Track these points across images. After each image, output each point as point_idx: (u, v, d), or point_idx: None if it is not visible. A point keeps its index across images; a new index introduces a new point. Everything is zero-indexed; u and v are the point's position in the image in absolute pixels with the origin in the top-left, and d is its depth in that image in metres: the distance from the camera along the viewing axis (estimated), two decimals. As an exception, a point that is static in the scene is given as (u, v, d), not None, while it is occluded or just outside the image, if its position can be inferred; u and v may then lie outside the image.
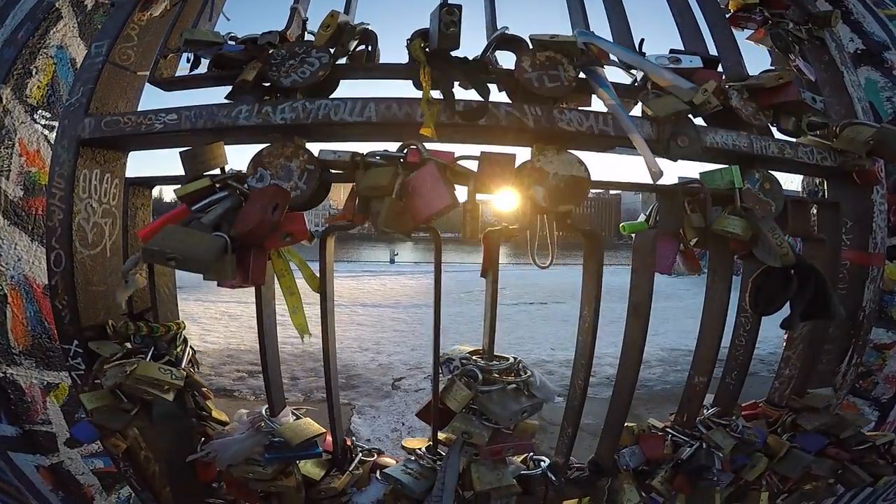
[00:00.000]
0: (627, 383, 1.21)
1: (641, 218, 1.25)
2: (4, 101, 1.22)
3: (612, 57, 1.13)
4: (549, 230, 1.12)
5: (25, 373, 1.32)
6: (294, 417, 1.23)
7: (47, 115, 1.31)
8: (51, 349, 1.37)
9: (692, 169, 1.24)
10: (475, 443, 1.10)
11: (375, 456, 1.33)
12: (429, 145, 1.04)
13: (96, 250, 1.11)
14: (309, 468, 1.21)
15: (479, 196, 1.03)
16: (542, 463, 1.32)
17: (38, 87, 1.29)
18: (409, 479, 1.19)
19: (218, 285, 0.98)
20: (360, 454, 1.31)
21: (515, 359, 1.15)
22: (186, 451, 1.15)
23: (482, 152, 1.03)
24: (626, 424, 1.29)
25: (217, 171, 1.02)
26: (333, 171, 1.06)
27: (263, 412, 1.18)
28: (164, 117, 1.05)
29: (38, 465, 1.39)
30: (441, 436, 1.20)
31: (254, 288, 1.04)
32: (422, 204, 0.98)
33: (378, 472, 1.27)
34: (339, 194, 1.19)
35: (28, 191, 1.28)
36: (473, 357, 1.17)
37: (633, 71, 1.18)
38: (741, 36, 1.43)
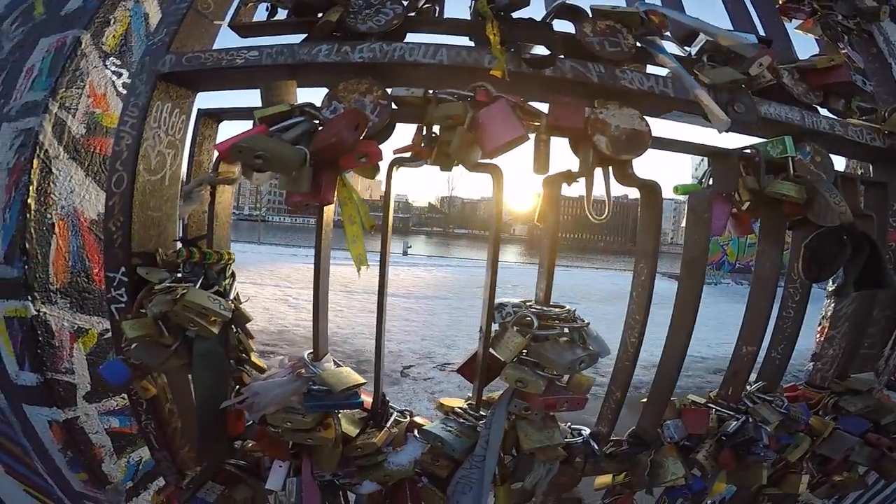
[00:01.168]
0: (678, 348, 1.19)
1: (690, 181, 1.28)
2: (83, 45, 1.25)
3: (671, 26, 1.19)
4: (605, 181, 1.14)
5: (58, 313, 1.28)
6: (335, 365, 1.18)
7: (117, 62, 1.34)
8: (87, 290, 1.34)
9: (740, 143, 1.29)
10: (530, 391, 1.05)
11: (408, 417, 1.27)
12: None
13: (157, 177, 1.12)
14: (343, 425, 1.15)
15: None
16: (582, 432, 1.28)
17: (114, 36, 1.33)
18: (450, 437, 1.14)
19: (285, 202, 0.98)
20: (395, 414, 1.26)
21: (569, 309, 1.13)
22: (221, 398, 1.09)
23: (552, 96, 1.07)
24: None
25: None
26: (403, 109, 1.09)
27: (306, 356, 1.14)
28: (246, 53, 1.09)
29: (53, 420, 1.32)
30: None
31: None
32: (492, 135, 1.00)
33: (415, 431, 1.22)
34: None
35: (90, 130, 1.29)
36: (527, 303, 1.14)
37: (686, 47, 1.25)
38: (789, 26, 1.51)
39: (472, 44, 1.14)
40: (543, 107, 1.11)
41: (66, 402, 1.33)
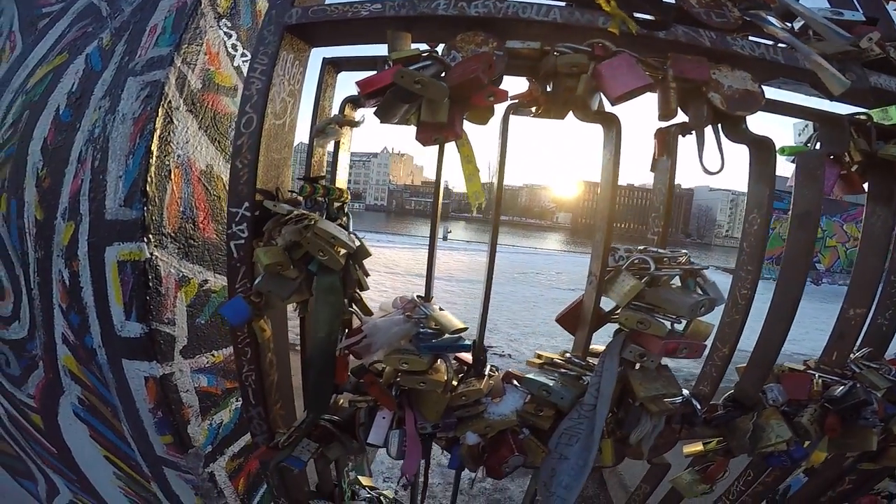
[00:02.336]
0: (788, 303, 1.17)
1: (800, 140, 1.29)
2: (202, 6, 1.32)
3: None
4: (716, 137, 1.15)
5: (167, 259, 1.31)
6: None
7: (228, 24, 1.41)
8: (193, 238, 1.37)
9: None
10: (653, 333, 1.04)
11: (497, 372, 1.26)
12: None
13: (280, 121, 1.16)
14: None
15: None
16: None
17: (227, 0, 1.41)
18: (556, 385, 1.13)
19: (416, 137, 1.02)
20: (489, 366, 1.25)
21: (684, 252, 1.13)
22: (334, 341, 1.10)
23: (671, 53, 1.09)
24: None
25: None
26: (514, 62, 1.12)
27: (416, 298, 1.15)
28: (370, 6, 1.14)
29: (149, 375, 1.33)
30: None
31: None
32: (618, 83, 1.02)
33: (513, 381, 1.21)
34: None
35: (205, 86, 1.35)
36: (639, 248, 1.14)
37: (788, 23, 1.27)
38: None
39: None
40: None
41: (164, 355, 1.34)
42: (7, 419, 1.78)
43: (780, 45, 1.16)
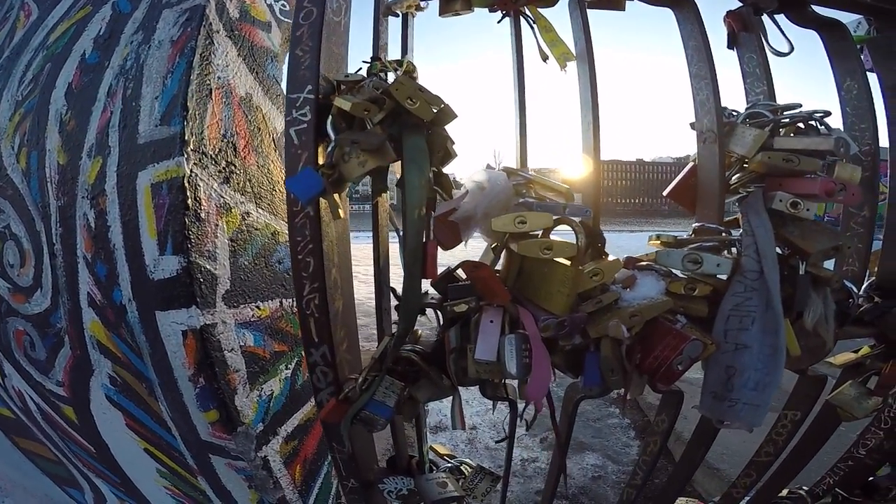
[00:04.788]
0: None
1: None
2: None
3: None
4: (777, 25, 0.90)
5: (208, 179, 0.93)
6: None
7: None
8: (234, 164, 1.00)
9: None
10: (805, 169, 0.71)
11: None
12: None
13: (338, 18, 0.86)
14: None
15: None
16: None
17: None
18: (703, 253, 0.75)
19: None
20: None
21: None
22: (424, 221, 0.72)
23: None
24: None
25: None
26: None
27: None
28: None
29: (188, 328, 0.90)
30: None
31: None
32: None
33: (636, 267, 0.82)
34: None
35: (242, 16, 1.07)
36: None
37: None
38: None
39: None
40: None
41: (205, 299, 0.92)
42: (41, 418, 1.25)
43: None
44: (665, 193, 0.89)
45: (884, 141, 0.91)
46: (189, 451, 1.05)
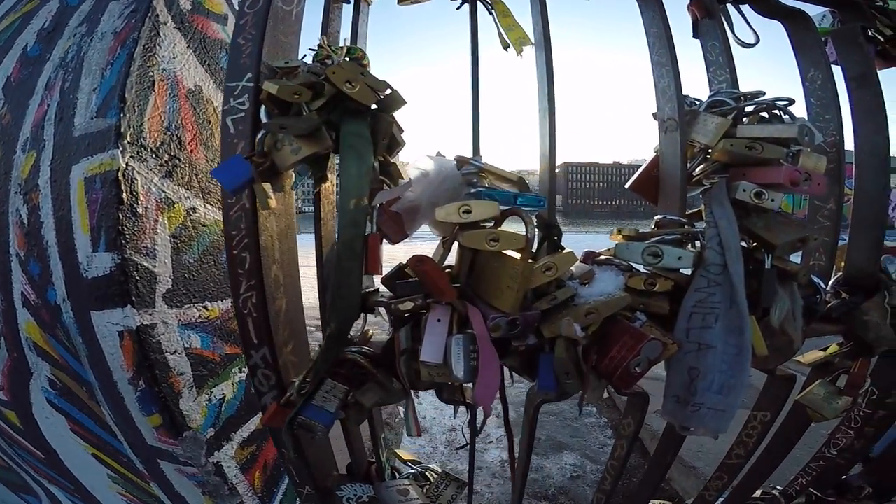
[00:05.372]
0: (874, 160, 0.79)
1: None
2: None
3: None
4: (743, 16, 0.83)
5: (147, 173, 0.84)
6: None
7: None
8: (178, 157, 0.92)
9: None
10: (769, 157, 0.64)
11: None
12: None
13: (288, 7, 0.80)
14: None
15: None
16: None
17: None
18: (663, 246, 0.67)
19: None
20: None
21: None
22: (364, 211, 0.63)
23: None
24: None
25: None
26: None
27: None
28: None
29: (125, 328, 0.81)
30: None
31: None
32: None
33: (595, 262, 0.73)
34: None
35: (194, 8, 0.98)
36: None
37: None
38: None
39: None
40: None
41: (142, 298, 0.82)
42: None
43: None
44: (627, 186, 0.81)
45: (849, 133, 0.85)
46: (138, 457, 0.95)
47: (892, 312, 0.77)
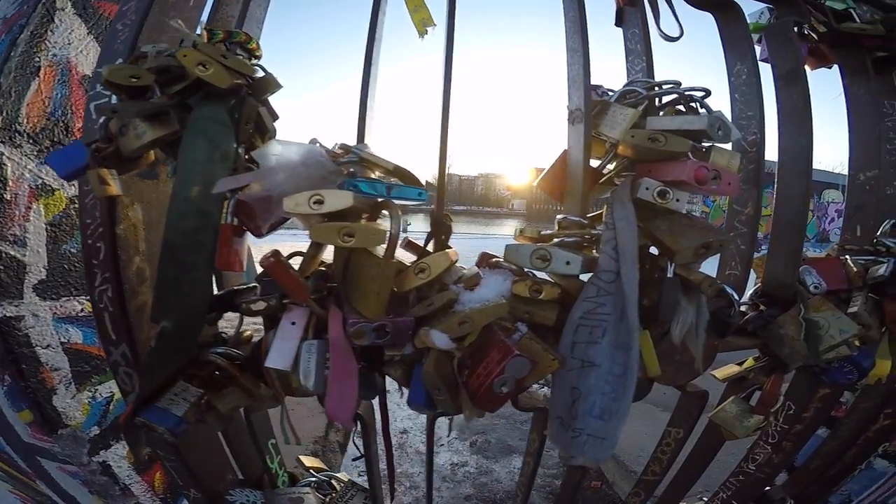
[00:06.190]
0: (801, 155, 0.68)
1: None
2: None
3: None
4: (670, 5, 0.72)
5: (21, 159, 0.72)
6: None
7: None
8: (63, 143, 0.78)
9: None
10: (672, 150, 0.54)
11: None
12: None
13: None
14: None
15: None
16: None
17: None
18: (555, 249, 0.56)
19: None
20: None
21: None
22: (214, 202, 0.52)
23: None
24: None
25: None
26: None
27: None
28: None
29: None
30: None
31: None
32: None
33: (487, 265, 0.63)
34: None
35: None
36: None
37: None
38: None
39: None
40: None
41: (7, 289, 0.69)
42: None
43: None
44: (535, 184, 0.70)
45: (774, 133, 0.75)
46: (17, 454, 0.83)
47: (806, 327, 0.67)
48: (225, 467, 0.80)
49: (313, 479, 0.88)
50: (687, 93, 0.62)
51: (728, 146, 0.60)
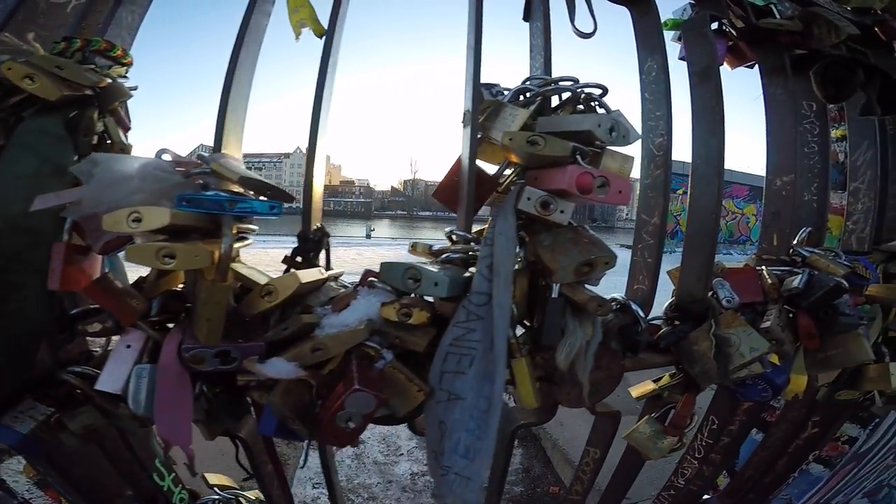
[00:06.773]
0: (713, 161, 0.62)
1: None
2: None
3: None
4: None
5: None
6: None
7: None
8: None
9: None
10: (549, 154, 0.49)
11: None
12: None
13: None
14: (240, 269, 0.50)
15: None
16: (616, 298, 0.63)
17: None
18: (429, 270, 0.48)
19: None
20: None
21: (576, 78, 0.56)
22: (43, 220, 0.44)
23: None
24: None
25: None
26: None
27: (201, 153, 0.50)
28: None
29: None
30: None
31: None
32: None
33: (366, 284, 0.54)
34: None
35: None
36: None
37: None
38: None
39: None
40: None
41: None
42: None
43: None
44: (433, 194, 0.63)
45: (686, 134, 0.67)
46: None
47: (717, 344, 0.60)
48: (119, 484, 0.72)
49: (216, 496, 0.80)
50: (583, 90, 0.55)
51: (627, 150, 0.53)
